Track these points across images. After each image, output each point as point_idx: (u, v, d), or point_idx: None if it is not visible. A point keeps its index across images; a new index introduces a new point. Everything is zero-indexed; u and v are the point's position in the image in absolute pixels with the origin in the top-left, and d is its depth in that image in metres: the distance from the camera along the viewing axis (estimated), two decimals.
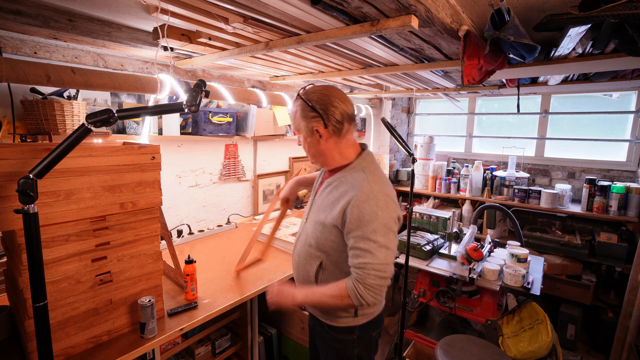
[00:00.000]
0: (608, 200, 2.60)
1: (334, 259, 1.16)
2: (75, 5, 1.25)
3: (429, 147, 3.55)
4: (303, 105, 1.14)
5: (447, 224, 2.49)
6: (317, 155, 1.20)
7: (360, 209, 1.04)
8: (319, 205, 1.20)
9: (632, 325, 2.31)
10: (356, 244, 1.04)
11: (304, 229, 1.26)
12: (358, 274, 1.03)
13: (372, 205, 1.04)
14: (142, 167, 1.25)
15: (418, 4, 1.03)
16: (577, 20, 1.09)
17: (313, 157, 1.22)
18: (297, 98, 1.16)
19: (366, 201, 1.04)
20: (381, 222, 1.03)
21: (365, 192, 1.06)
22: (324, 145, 1.15)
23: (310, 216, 1.24)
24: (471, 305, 2.03)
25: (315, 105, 1.11)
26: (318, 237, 1.17)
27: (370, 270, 1.02)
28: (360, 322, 1.21)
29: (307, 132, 1.15)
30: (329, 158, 1.19)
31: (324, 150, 1.17)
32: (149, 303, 1.21)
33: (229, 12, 1.19)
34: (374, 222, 1.03)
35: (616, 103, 2.98)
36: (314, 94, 1.13)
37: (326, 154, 1.18)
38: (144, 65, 2.01)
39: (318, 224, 1.17)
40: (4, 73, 1.25)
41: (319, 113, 1.11)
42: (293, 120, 1.20)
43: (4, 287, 1.43)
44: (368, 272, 1.02)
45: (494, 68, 1.52)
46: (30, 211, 0.88)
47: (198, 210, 2.46)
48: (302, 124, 1.15)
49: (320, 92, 1.13)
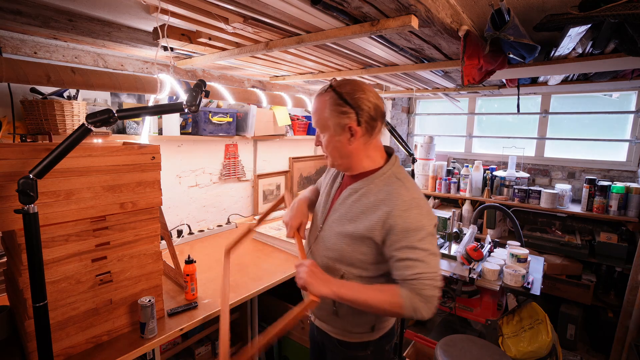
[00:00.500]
0: (608, 200, 2.60)
1: (358, 272, 1.06)
2: (75, 5, 1.25)
3: (429, 147, 3.54)
4: (334, 98, 1.01)
5: (447, 224, 2.49)
6: (343, 156, 1.06)
7: (405, 219, 0.96)
8: (342, 215, 1.08)
9: (632, 325, 2.31)
10: (405, 255, 0.96)
11: (320, 238, 1.14)
12: (413, 285, 0.94)
13: (416, 214, 0.97)
14: (142, 167, 1.25)
15: (418, 4, 1.03)
16: (577, 20, 1.09)
17: (338, 158, 1.07)
18: (327, 90, 1.03)
19: (409, 210, 0.97)
20: (427, 231, 0.97)
21: (407, 200, 0.98)
22: (353, 146, 1.03)
23: (328, 225, 1.12)
24: (471, 305, 2.03)
25: (349, 99, 1.00)
26: (343, 250, 1.05)
27: (425, 281, 0.94)
28: (375, 336, 1.13)
29: (337, 130, 1.02)
30: (356, 161, 1.07)
31: (353, 152, 1.05)
32: (149, 303, 1.21)
33: (229, 12, 1.19)
34: (422, 230, 0.96)
35: (616, 103, 2.97)
36: (347, 86, 1.02)
37: (354, 155, 1.06)
38: (144, 65, 2.01)
39: (343, 236, 1.05)
40: (4, 73, 1.25)
41: (353, 108, 1.00)
42: (318, 115, 1.04)
43: (4, 287, 1.43)
44: (424, 282, 0.94)
45: (494, 68, 1.52)
46: (30, 211, 0.88)
47: (198, 210, 2.46)
48: (331, 120, 1.02)
49: (353, 85, 1.02)
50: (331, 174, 1.25)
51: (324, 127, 1.04)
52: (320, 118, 1.04)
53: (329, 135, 1.04)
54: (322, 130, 1.06)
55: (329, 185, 1.21)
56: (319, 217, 1.17)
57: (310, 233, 1.22)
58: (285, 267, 1.88)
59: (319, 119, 1.05)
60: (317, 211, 1.21)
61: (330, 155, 1.09)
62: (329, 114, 1.02)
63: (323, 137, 1.07)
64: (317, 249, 1.14)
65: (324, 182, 1.28)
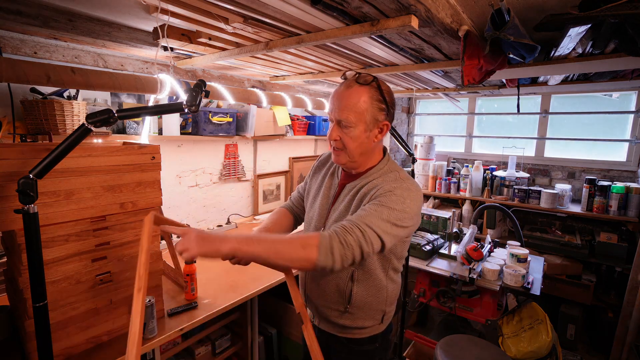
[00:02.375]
0: (608, 200, 2.60)
1: (368, 267, 1.05)
2: (75, 5, 1.25)
3: (429, 147, 3.55)
4: (377, 92, 0.99)
5: (447, 224, 2.49)
6: (363, 153, 1.04)
7: (392, 190, 0.96)
8: (343, 210, 1.07)
9: (632, 325, 2.31)
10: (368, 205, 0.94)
11: None
12: (344, 226, 0.88)
13: (401, 192, 0.96)
14: (142, 167, 1.25)
15: (418, 4, 1.03)
16: (577, 20, 1.09)
17: (358, 155, 1.03)
18: (370, 82, 0.99)
19: (397, 188, 0.97)
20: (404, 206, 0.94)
21: (397, 180, 1.01)
22: (375, 143, 1.04)
23: (329, 225, 1.09)
24: (471, 305, 2.03)
25: (387, 96, 1.00)
26: None
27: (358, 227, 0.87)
28: (383, 328, 1.14)
29: (370, 125, 1.00)
30: (367, 158, 1.07)
31: (372, 149, 1.05)
32: (149, 303, 1.21)
33: (229, 12, 1.19)
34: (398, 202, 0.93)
35: (616, 103, 2.98)
36: (384, 84, 1.01)
37: (370, 153, 1.06)
38: (144, 65, 2.01)
39: None
40: (4, 73, 1.25)
41: (388, 106, 1.01)
42: (351, 105, 0.98)
43: (4, 287, 1.43)
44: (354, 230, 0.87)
45: (494, 68, 1.52)
46: (30, 211, 0.88)
47: (198, 210, 2.46)
48: (369, 113, 0.98)
49: (382, 81, 1.02)
50: (322, 176, 1.21)
51: (358, 119, 0.98)
52: (357, 110, 0.98)
53: (360, 130, 0.99)
54: (354, 122, 0.98)
55: (325, 187, 1.18)
56: (317, 218, 1.15)
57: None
58: None
59: (354, 111, 0.98)
60: (312, 212, 1.18)
61: (351, 150, 1.02)
62: (369, 108, 0.98)
63: (349, 130, 1.00)
64: None
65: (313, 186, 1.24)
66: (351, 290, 1.07)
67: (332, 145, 1.07)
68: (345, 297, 1.08)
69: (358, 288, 1.07)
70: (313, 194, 1.22)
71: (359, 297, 1.08)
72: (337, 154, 1.06)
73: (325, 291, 1.11)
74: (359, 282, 1.07)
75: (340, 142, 1.03)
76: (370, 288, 1.08)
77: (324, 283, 1.11)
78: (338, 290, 1.09)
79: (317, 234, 0.86)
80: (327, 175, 1.20)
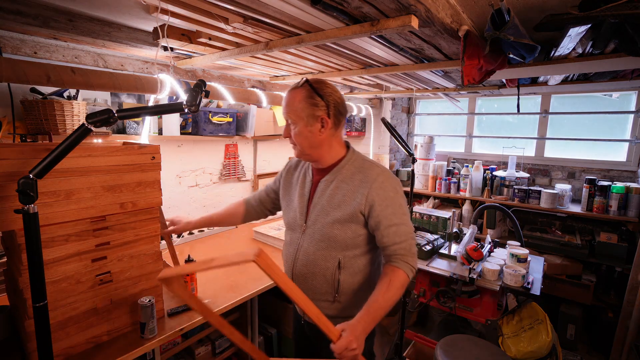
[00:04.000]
0: (608, 200, 2.60)
1: (353, 253, 1.15)
2: (75, 5, 1.25)
3: (429, 147, 3.54)
4: (309, 91, 1.11)
5: (447, 224, 2.49)
6: (313, 146, 1.15)
7: (384, 189, 1.10)
8: (325, 205, 1.15)
9: (632, 325, 2.31)
10: (391, 221, 1.08)
11: (306, 236, 1.19)
12: (403, 247, 1.08)
13: (392, 182, 1.13)
14: (142, 167, 1.25)
15: (418, 4, 1.03)
16: (577, 20, 1.09)
17: (308, 148, 1.16)
18: (302, 84, 1.12)
19: (386, 180, 1.12)
20: (400, 195, 1.13)
21: (379, 173, 1.12)
22: (323, 136, 1.13)
23: (312, 221, 1.18)
24: (471, 305, 2.03)
25: (321, 93, 1.11)
26: (336, 235, 1.13)
27: (410, 240, 1.10)
28: None
29: (309, 120, 1.11)
30: (324, 151, 1.17)
31: (322, 142, 1.15)
32: (149, 303, 1.21)
33: (229, 12, 1.19)
34: (397, 195, 1.12)
35: (616, 103, 2.97)
36: (319, 83, 1.13)
37: (323, 146, 1.16)
38: (144, 65, 2.01)
39: (332, 223, 1.13)
40: (4, 73, 1.25)
41: (325, 101, 1.11)
42: (290, 106, 1.13)
43: (4, 287, 1.43)
44: (410, 242, 1.09)
45: (494, 68, 1.52)
46: (30, 211, 0.88)
47: (198, 210, 2.46)
48: (304, 110, 1.11)
49: (323, 82, 1.14)
50: (295, 179, 1.31)
51: (297, 118, 1.12)
52: (291, 108, 1.13)
53: (301, 126, 1.12)
54: (295, 121, 1.13)
55: (299, 186, 1.26)
56: (298, 217, 1.22)
57: (292, 236, 1.25)
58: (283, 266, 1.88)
59: (292, 110, 1.13)
60: (292, 213, 1.26)
61: (299, 145, 1.16)
62: (303, 105, 1.11)
63: (294, 128, 1.14)
64: (307, 246, 1.18)
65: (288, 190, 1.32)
66: (339, 279, 1.14)
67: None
68: (334, 286, 1.15)
69: (345, 275, 1.15)
70: (288, 198, 1.30)
71: (346, 285, 1.15)
72: (294, 149, 1.20)
73: (314, 284, 1.17)
74: (346, 268, 1.15)
75: (292, 139, 1.17)
76: (357, 274, 1.16)
77: (311, 277, 1.17)
78: (326, 280, 1.15)
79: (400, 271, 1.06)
80: (299, 177, 1.29)
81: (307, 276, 1.18)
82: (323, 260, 1.14)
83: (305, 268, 1.18)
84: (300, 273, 1.19)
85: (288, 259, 1.25)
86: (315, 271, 1.16)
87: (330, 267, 1.14)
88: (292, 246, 1.23)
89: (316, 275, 1.16)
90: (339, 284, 1.14)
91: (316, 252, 1.15)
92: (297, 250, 1.21)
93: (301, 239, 1.20)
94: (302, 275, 1.19)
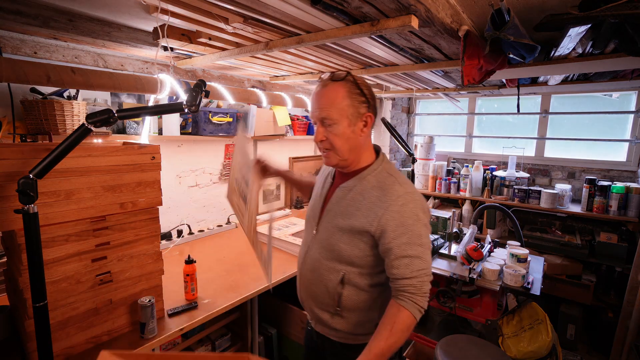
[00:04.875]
0: (608, 200, 2.60)
1: (358, 271, 1.05)
2: (75, 5, 1.25)
3: (429, 147, 3.55)
4: (352, 85, 0.99)
5: (447, 224, 2.49)
6: (352, 149, 1.03)
7: (402, 214, 0.96)
8: (337, 213, 1.06)
9: (632, 325, 2.31)
10: (404, 252, 0.95)
11: (315, 241, 1.12)
12: (413, 285, 0.94)
13: (412, 208, 0.97)
14: (142, 167, 1.25)
15: (418, 4, 1.03)
16: (577, 20, 1.09)
17: (348, 152, 1.02)
18: (344, 79, 1.00)
19: (405, 204, 0.97)
20: (422, 224, 0.98)
21: (402, 195, 0.98)
22: (362, 138, 1.03)
23: (323, 226, 1.10)
24: (471, 305, 2.03)
25: (364, 89, 1.00)
26: (341, 248, 1.04)
27: (424, 277, 0.95)
28: None
29: (353, 119, 0.99)
30: (358, 155, 1.05)
31: (360, 145, 1.04)
32: (149, 303, 1.21)
33: (229, 12, 1.19)
34: (417, 224, 0.97)
35: (616, 103, 2.97)
36: (359, 78, 1.02)
37: (359, 149, 1.04)
38: (144, 65, 2.01)
39: (340, 232, 1.04)
40: (4, 73, 1.25)
41: (368, 99, 1.00)
42: (332, 102, 0.98)
43: (4, 287, 1.43)
44: (423, 280, 0.95)
45: (494, 68, 1.52)
46: (30, 211, 0.88)
47: (198, 210, 2.46)
48: (350, 108, 0.98)
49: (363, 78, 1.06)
50: (323, 176, 1.22)
51: (340, 116, 0.99)
52: (338, 106, 0.98)
53: (344, 126, 0.99)
54: (336, 120, 0.99)
55: (319, 187, 1.19)
56: (312, 220, 1.16)
57: (305, 236, 1.20)
58: (286, 267, 1.88)
59: (335, 108, 0.98)
60: (310, 212, 1.19)
61: (339, 148, 1.02)
62: (349, 102, 0.98)
63: (333, 127, 1.00)
64: (315, 252, 1.12)
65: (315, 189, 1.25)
66: (340, 292, 1.06)
67: (320, 147, 1.06)
68: (335, 299, 1.07)
69: (348, 291, 1.06)
70: (313, 194, 1.24)
71: (350, 302, 1.07)
72: (327, 156, 1.05)
73: (316, 292, 1.11)
74: (349, 284, 1.06)
75: (328, 142, 1.02)
76: (362, 293, 1.07)
77: (315, 284, 1.11)
78: (327, 291, 1.08)
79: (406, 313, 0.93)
80: (324, 178, 1.21)
81: (311, 281, 1.13)
82: (326, 270, 1.07)
83: (310, 273, 1.12)
84: (306, 277, 1.15)
85: (299, 258, 1.21)
86: (319, 280, 1.10)
87: (333, 279, 1.06)
88: (303, 247, 1.19)
89: (319, 284, 1.10)
90: (340, 298, 1.06)
91: (321, 261, 1.09)
92: (306, 253, 1.16)
93: (311, 242, 1.14)
94: (307, 280, 1.14)
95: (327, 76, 1.03)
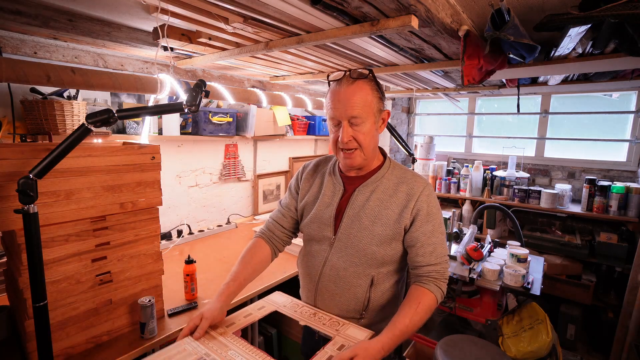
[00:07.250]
0: (608, 200, 2.60)
1: (387, 269, 1.05)
2: (75, 5, 1.25)
3: (429, 147, 3.54)
4: (374, 84, 0.99)
5: (447, 224, 2.49)
6: (374, 148, 1.04)
7: (429, 204, 1.01)
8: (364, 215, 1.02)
9: (632, 325, 2.31)
10: (429, 240, 0.99)
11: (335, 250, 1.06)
12: (437, 271, 0.99)
13: (434, 197, 1.04)
14: (142, 167, 1.25)
15: (418, 4, 1.03)
16: (577, 20, 1.09)
17: (371, 151, 1.02)
18: (368, 75, 0.98)
19: (430, 194, 1.03)
20: (441, 212, 1.05)
21: (425, 185, 1.03)
22: (377, 136, 1.04)
23: (345, 232, 1.04)
24: (471, 305, 2.03)
25: (380, 86, 1.01)
26: (374, 252, 1.01)
27: (445, 264, 1.01)
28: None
29: (377, 115, 1.00)
30: (375, 154, 1.07)
31: (377, 143, 1.05)
32: (149, 303, 1.21)
33: (229, 12, 1.19)
34: (439, 213, 1.03)
35: (616, 103, 2.97)
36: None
37: (376, 147, 1.06)
38: (144, 65, 2.01)
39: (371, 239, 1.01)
40: (4, 73, 1.25)
41: (383, 95, 1.02)
42: (362, 100, 0.96)
43: (4, 287, 1.43)
44: (445, 266, 1.01)
45: (494, 68, 1.52)
46: (30, 211, 0.88)
47: (198, 210, 2.46)
48: (376, 105, 0.98)
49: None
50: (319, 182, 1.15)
51: (368, 114, 0.97)
52: (367, 104, 0.97)
53: (371, 123, 0.99)
54: (365, 118, 0.97)
55: (324, 194, 1.11)
56: (325, 228, 1.08)
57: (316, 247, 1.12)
58: (286, 266, 1.88)
59: (365, 105, 0.96)
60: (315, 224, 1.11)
61: (366, 147, 1.00)
62: (373, 98, 0.98)
63: (361, 126, 0.97)
64: (337, 260, 1.06)
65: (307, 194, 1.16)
66: (369, 296, 1.05)
67: (342, 147, 1.01)
68: (364, 304, 1.05)
69: (376, 292, 1.05)
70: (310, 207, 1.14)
71: (375, 302, 1.06)
72: (352, 156, 1.01)
73: (341, 302, 1.07)
74: (378, 285, 1.05)
75: (354, 142, 0.99)
76: (387, 291, 1.07)
77: (340, 295, 1.06)
78: (356, 298, 1.05)
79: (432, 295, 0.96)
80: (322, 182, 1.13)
81: (334, 293, 1.07)
82: (355, 277, 1.04)
83: (333, 285, 1.07)
84: (326, 289, 1.08)
85: (311, 272, 1.12)
86: (346, 288, 1.05)
87: (363, 284, 1.04)
88: (318, 259, 1.10)
89: (345, 293, 1.05)
90: (369, 302, 1.05)
91: (348, 269, 1.04)
92: (323, 265, 1.09)
93: (329, 252, 1.08)
94: (328, 292, 1.08)
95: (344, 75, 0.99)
